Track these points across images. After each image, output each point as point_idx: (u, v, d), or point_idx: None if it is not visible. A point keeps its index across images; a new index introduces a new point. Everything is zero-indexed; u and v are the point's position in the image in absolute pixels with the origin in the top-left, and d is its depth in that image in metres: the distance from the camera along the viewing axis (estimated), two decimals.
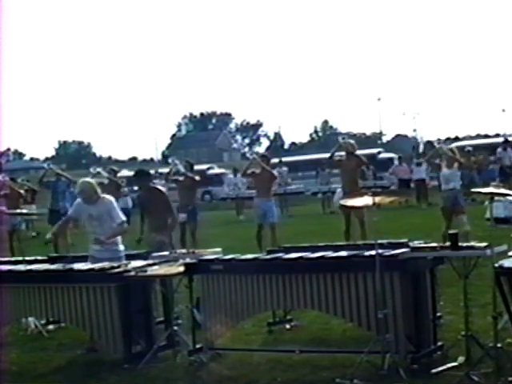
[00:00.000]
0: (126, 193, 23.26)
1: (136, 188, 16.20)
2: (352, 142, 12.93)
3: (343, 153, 12.99)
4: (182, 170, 14.08)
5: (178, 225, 11.05)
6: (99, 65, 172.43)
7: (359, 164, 12.98)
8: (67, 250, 13.13)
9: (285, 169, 30.33)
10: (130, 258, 8.16)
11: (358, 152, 12.96)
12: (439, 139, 12.74)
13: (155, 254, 7.98)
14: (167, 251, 8.05)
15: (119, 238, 8.26)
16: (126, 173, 31.44)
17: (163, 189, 9.74)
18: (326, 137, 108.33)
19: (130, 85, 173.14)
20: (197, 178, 14.08)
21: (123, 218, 8.24)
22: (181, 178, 14.04)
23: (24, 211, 13.58)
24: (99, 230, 8.09)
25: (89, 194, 8.19)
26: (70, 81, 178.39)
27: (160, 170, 29.60)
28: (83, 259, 8.17)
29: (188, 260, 7.36)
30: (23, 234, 17.28)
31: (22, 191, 17.88)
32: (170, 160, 14.52)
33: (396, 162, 31.43)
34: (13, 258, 9.91)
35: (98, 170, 15.16)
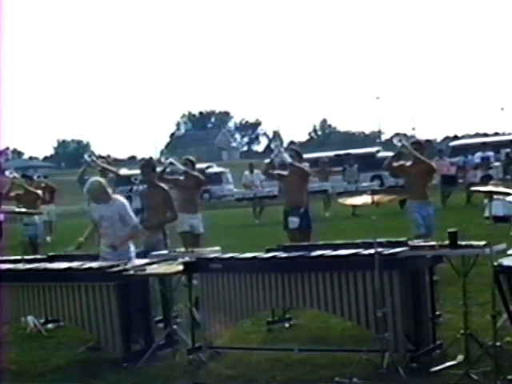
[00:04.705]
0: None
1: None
2: None
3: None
4: (289, 159, 10.60)
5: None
6: (98, 64, 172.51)
7: None
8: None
9: (306, 164, 26.08)
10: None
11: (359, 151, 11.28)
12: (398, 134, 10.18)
13: (154, 253, 7.96)
14: (162, 250, 8.01)
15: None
16: (125, 171, 31.53)
17: (165, 186, 9.54)
18: (324, 136, 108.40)
19: (128, 84, 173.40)
20: (307, 169, 10.84)
21: (136, 220, 8.11)
22: (285, 172, 10.77)
23: (23, 210, 12.93)
24: (109, 231, 7.99)
25: (95, 194, 8.00)
26: (69, 80, 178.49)
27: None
28: (90, 258, 8.13)
29: (187, 259, 7.35)
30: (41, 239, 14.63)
31: (39, 191, 15.04)
32: (272, 146, 11.94)
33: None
34: (11, 257, 9.86)
35: (171, 160, 11.50)
